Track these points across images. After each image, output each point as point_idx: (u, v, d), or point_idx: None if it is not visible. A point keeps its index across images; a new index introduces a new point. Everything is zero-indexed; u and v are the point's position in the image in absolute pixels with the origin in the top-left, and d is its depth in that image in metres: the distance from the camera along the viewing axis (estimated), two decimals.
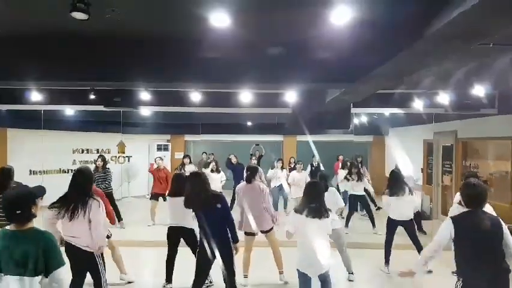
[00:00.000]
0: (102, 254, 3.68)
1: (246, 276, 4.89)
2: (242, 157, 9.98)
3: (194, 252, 4.58)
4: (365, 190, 7.99)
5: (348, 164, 8.51)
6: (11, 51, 4.00)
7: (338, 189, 7.15)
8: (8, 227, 2.33)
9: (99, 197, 3.72)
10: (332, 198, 4.86)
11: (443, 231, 2.88)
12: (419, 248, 5.55)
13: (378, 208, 8.64)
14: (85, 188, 3.57)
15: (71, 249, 3.52)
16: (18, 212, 2.29)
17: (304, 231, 3.56)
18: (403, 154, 9.73)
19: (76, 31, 3.59)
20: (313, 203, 3.59)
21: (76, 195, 3.53)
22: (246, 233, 4.89)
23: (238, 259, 4.14)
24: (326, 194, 4.06)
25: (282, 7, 3.17)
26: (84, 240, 3.49)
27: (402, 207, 5.43)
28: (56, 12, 3.17)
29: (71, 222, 3.47)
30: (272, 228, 4.94)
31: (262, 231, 4.91)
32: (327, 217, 3.58)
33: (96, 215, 3.48)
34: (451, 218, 2.90)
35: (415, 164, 9.20)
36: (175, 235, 4.76)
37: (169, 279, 4.73)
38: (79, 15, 2.71)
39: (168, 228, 4.82)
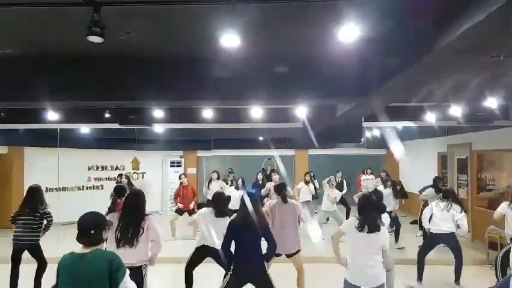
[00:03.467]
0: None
1: None
2: (254, 171, 9.99)
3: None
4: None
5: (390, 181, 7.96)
6: (28, 71, 4.15)
7: None
8: (76, 251, 2.39)
9: None
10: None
11: None
12: (459, 266, 5.33)
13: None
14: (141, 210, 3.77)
15: None
16: (92, 232, 2.38)
17: (358, 244, 3.53)
18: (417, 167, 9.58)
19: (92, 52, 3.72)
20: (367, 217, 3.54)
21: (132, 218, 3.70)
22: None
23: None
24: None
25: (290, 25, 3.24)
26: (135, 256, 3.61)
27: (447, 220, 5.30)
28: (72, 34, 3.30)
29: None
30: (299, 251, 4.78)
31: (288, 255, 4.72)
32: (380, 230, 3.51)
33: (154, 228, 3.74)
34: None
35: (430, 177, 9.04)
36: (204, 254, 4.64)
37: None
38: (94, 39, 2.80)
39: (201, 246, 4.65)
